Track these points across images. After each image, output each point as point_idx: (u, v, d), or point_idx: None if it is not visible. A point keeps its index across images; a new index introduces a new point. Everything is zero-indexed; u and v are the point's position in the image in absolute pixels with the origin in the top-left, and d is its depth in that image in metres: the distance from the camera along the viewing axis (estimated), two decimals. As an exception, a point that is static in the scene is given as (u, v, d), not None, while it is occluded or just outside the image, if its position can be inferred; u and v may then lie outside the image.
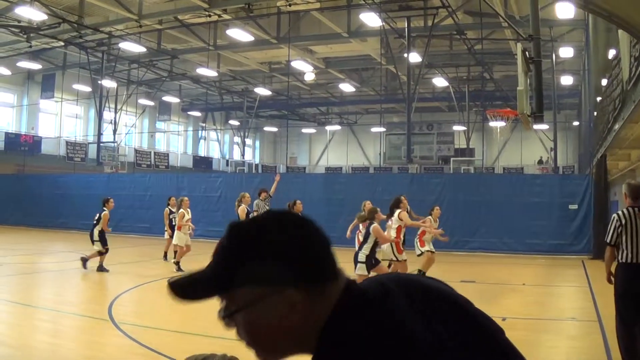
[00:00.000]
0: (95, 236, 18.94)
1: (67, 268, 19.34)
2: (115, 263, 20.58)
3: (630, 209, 8.25)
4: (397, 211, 15.34)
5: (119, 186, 33.53)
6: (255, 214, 21.19)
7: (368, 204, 16.35)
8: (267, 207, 20.99)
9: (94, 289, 15.89)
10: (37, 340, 9.59)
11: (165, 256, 21.84)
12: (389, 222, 15.62)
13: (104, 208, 19.58)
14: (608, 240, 8.31)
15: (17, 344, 9.22)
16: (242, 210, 19.48)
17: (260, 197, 21.67)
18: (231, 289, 1.55)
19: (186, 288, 1.59)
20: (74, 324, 11.27)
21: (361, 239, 13.71)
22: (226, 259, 1.58)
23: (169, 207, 22.12)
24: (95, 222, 19.33)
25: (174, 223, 21.06)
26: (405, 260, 15.45)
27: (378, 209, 14.17)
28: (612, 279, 8.44)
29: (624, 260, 8.12)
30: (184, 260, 19.08)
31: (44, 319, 11.48)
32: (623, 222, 8.15)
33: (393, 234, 15.10)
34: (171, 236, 21.00)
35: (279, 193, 23.31)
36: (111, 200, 20.19)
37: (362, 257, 12.91)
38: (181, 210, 19.54)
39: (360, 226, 15.59)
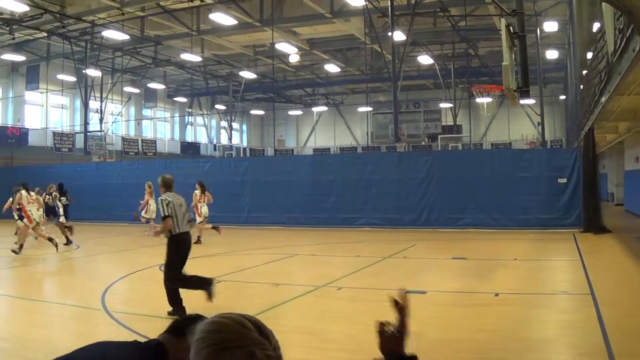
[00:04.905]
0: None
1: (59, 259, 19.31)
2: (106, 252, 20.60)
3: (169, 193, 10.92)
4: None
5: (107, 174, 33.45)
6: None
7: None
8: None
9: (86, 279, 15.82)
10: (30, 332, 9.53)
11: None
12: None
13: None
14: (167, 214, 10.57)
15: (10, 336, 9.20)
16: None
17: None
18: None
19: None
20: (67, 314, 11.24)
21: None
22: None
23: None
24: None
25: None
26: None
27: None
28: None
29: (176, 232, 10.70)
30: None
31: (36, 310, 11.45)
32: (170, 199, 10.73)
33: None
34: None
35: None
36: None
37: None
38: None
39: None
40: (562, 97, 51.99)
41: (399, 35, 34.37)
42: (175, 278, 10.58)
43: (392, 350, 2.40)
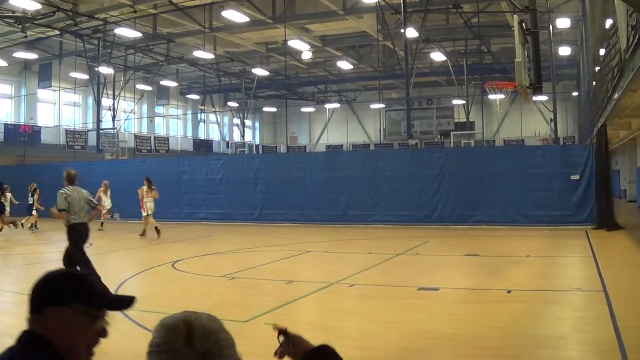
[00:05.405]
0: None
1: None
2: (119, 249, 20.66)
3: (70, 187, 12.08)
4: None
5: (120, 172, 33.48)
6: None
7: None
8: None
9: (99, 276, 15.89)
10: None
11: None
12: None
13: None
14: (63, 207, 11.80)
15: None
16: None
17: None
18: None
19: None
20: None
21: None
22: None
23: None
24: None
25: None
26: None
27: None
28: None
29: (74, 222, 11.93)
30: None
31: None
32: (69, 192, 11.91)
33: None
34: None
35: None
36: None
37: None
38: None
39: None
40: (575, 93, 51.88)
41: (411, 32, 34.36)
42: (83, 258, 12.13)
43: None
